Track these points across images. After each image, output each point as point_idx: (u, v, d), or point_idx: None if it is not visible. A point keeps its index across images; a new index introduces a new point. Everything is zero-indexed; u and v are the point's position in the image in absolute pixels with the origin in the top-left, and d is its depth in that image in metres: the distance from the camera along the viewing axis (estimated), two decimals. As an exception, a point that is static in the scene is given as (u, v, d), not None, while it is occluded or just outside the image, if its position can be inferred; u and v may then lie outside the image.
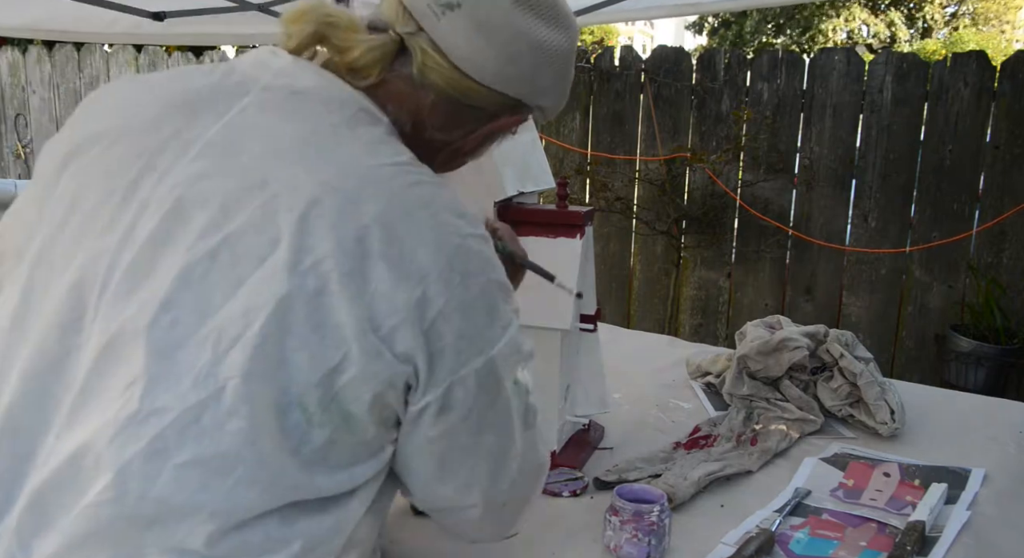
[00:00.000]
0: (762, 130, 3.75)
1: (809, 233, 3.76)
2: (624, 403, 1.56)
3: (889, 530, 1.10)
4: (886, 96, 3.57)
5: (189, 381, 0.66)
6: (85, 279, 0.71)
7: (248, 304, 0.65)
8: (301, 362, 0.66)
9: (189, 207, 0.69)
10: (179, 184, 0.71)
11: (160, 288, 0.67)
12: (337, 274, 0.66)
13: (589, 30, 13.06)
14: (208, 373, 0.65)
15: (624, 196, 4.02)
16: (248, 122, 0.73)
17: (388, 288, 0.66)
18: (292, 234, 0.66)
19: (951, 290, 3.57)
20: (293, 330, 0.65)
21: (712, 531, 1.10)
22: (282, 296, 0.65)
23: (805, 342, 1.51)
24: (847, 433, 1.43)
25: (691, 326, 4.13)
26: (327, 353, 0.66)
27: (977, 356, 3.29)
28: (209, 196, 0.69)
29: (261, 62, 0.78)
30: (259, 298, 0.65)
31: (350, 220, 0.67)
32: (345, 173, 0.69)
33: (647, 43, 23.69)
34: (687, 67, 3.94)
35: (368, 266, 0.66)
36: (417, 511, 1.11)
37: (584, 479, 1.21)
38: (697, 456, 1.31)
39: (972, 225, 3.50)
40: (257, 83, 0.76)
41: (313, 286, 0.65)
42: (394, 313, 0.67)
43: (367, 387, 0.67)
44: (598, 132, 4.19)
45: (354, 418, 0.68)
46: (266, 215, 0.67)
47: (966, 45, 13.60)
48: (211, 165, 0.71)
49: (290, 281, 0.65)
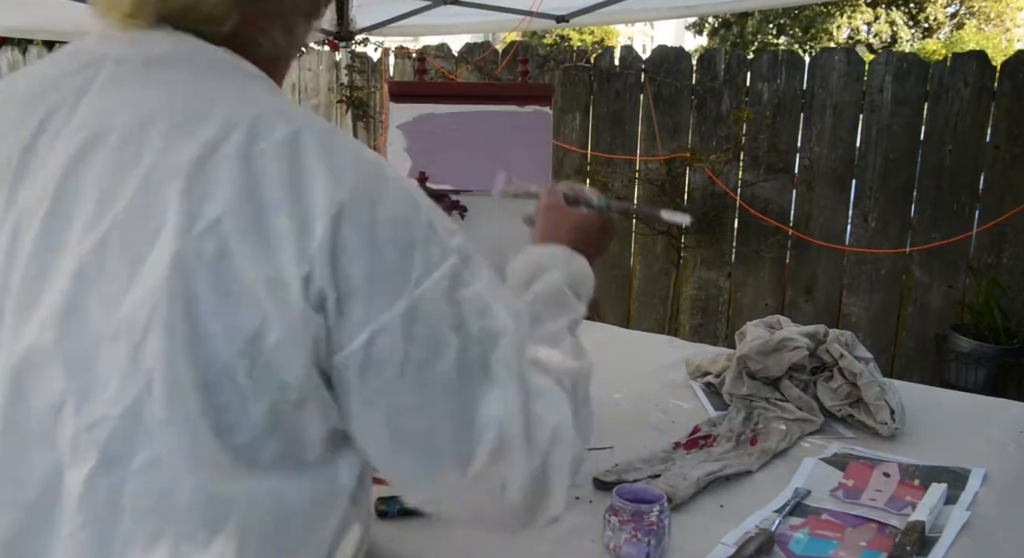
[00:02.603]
0: (762, 130, 3.75)
1: (809, 233, 3.76)
2: (624, 403, 1.56)
3: (889, 530, 1.10)
4: (886, 96, 3.57)
5: (115, 384, 0.61)
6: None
7: (149, 285, 0.60)
8: (218, 333, 0.60)
9: (67, 202, 0.64)
10: (52, 178, 0.65)
11: (59, 296, 0.62)
12: (235, 232, 0.60)
13: (589, 30, 13.06)
14: (131, 370, 0.61)
15: (624, 196, 4.02)
16: (109, 98, 0.68)
17: (291, 237, 0.60)
18: (179, 201, 0.61)
19: (951, 290, 3.57)
20: (202, 299, 0.60)
21: (712, 531, 1.10)
22: (182, 266, 0.60)
23: (805, 342, 1.51)
24: (847, 433, 1.43)
25: (691, 326, 4.13)
26: (243, 319, 0.60)
27: (977, 356, 3.29)
28: (86, 184, 0.64)
29: (108, 36, 0.72)
30: (157, 275, 0.60)
31: (239, 175, 0.61)
32: (226, 127, 0.63)
33: (647, 43, 23.69)
34: (687, 67, 3.95)
35: (266, 218, 0.61)
36: (381, 514, 1.11)
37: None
38: (697, 456, 1.31)
39: (972, 225, 3.50)
40: (108, 57, 0.70)
41: (212, 249, 0.60)
42: (303, 261, 0.60)
43: (298, 352, 0.62)
44: (598, 132, 4.19)
45: (291, 386, 0.63)
46: (149, 189, 0.62)
47: (966, 45, 13.60)
48: (80, 151, 0.66)
49: (186, 249, 0.60)
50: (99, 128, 0.66)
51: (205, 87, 0.68)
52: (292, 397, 0.63)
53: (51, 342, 0.62)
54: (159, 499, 0.62)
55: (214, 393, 0.61)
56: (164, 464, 0.62)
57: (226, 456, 0.63)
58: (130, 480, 0.62)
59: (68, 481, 0.63)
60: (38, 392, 0.63)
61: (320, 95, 5.33)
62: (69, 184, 0.65)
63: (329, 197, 0.62)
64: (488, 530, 0.85)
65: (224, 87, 0.69)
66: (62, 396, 0.63)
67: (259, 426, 0.63)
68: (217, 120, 0.64)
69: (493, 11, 3.64)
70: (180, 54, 0.70)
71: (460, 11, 3.68)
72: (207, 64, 0.70)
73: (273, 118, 0.65)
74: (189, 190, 0.61)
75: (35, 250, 0.64)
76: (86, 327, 0.62)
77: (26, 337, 0.64)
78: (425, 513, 1.11)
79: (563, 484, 0.73)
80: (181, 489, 0.62)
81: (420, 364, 0.64)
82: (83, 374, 0.62)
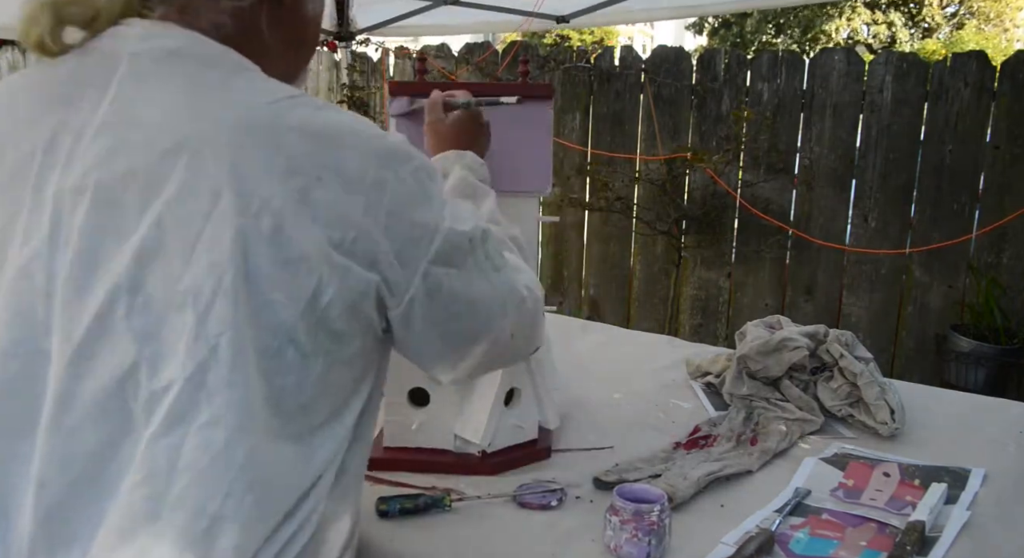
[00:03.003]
0: (762, 130, 3.75)
1: (809, 233, 3.76)
2: (624, 403, 1.56)
3: (889, 530, 1.10)
4: (886, 96, 3.57)
5: (183, 349, 0.66)
6: (21, 298, 0.70)
7: (211, 259, 0.66)
8: (281, 300, 0.68)
9: (112, 190, 0.69)
10: (91, 169, 0.70)
11: (119, 275, 0.67)
12: (287, 209, 0.68)
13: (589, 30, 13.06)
14: (197, 335, 0.66)
15: (624, 196, 4.02)
16: (133, 92, 0.72)
17: (334, 206, 0.70)
18: (229, 183, 0.67)
19: (951, 290, 3.57)
20: (263, 272, 0.67)
21: (712, 531, 1.10)
22: (243, 242, 0.66)
23: (805, 342, 1.51)
24: (847, 433, 1.43)
25: (691, 326, 4.13)
26: (302, 284, 0.68)
27: (977, 356, 3.29)
28: (128, 173, 0.69)
29: (115, 34, 0.76)
30: (220, 250, 0.66)
31: (275, 156, 0.69)
32: (253, 115, 0.70)
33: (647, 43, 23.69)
34: (687, 67, 3.95)
35: (309, 192, 0.69)
36: (382, 514, 1.11)
37: (559, 490, 1.18)
38: (697, 456, 1.31)
39: (972, 225, 3.50)
40: (123, 53, 0.74)
41: (268, 225, 0.67)
42: (349, 228, 0.70)
43: (343, 301, 0.71)
44: (598, 132, 4.19)
45: (340, 335, 0.72)
46: (195, 173, 0.68)
47: (966, 45, 13.60)
48: (117, 142, 0.70)
49: (245, 226, 0.66)
50: (130, 121, 0.71)
51: (217, 79, 0.73)
52: (343, 348, 0.73)
53: (120, 318, 0.67)
54: (214, 459, 0.66)
55: (276, 357, 0.68)
56: (222, 425, 0.66)
57: (277, 418, 0.69)
58: (189, 439, 0.66)
59: (129, 446, 0.67)
60: (104, 366, 0.68)
61: (320, 95, 5.33)
62: (110, 172, 0.69)
63: (359, 167, 0.72)
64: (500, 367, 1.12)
65: (234, 78, 0.74)
66: (133, 365, 0.67)
67: (315, 386, 0.71)
68: (239, 109, 0.71)
69: (493, 11, 3.64)
70: (192, 49, 0.75)
71: (460, 11, 3.68)
72: (213, 58, 0.75)
73: (286, 103, 0.72)
74: (234, 173, 0.67)
75: (84, 235, 0.69)
76: (150, 302, 0.67)
77: (87, 316, 0.68)
78: (425, 513, 1.12)
79: (542, 321, 0.96)
80: (236, 450, 0.67)
81: (458, 278, 0.79)
82: (152, 343, 0.67)
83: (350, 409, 0.78)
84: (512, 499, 1.17)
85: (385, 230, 0.72)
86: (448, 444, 1.27)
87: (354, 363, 0.77)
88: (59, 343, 0.69)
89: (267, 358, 0.68)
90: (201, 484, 0.66)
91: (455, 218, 0.79)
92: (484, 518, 1.13)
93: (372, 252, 0.72)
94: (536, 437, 1.33)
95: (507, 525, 1.11)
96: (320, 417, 0.74)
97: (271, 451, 0.69)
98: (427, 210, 0.76)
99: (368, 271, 0.72)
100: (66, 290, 0.69)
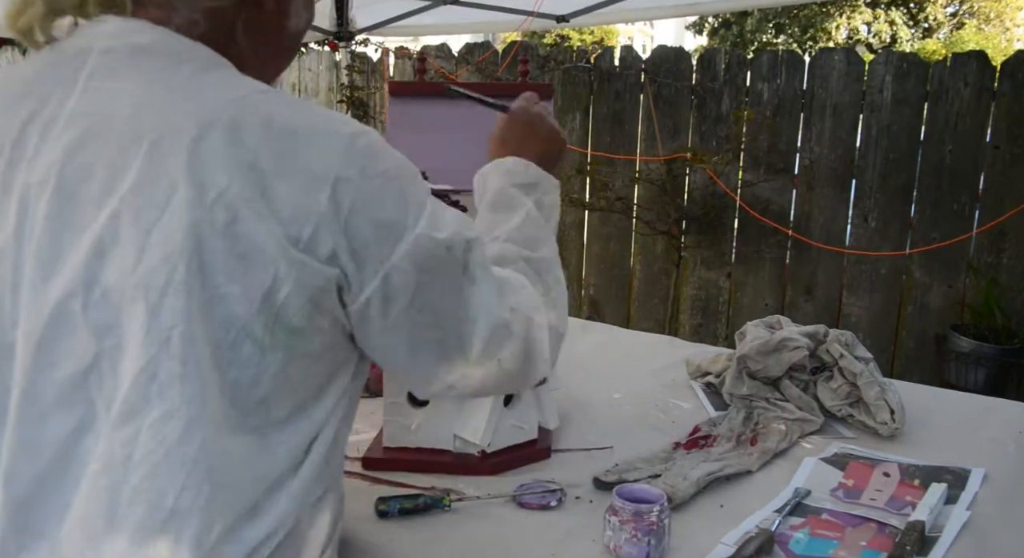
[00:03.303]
0: (762, 130, 3.75)
1: (809, 233, 3.76)
2: (624, 403, 1.56)
3: (889, 530, 1.10)
4: (886, 96, 3.57)
5: (136, 342, 0.66)
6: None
7: (165, 250, 0.66)
8: (236, 293, 0.67)
9: (73, 182, 0.69)
10: (55, 162, 0.70)
11: (77, 268, 0.68)
12: (243, 201, 0.67)
13: (589, 30, 13.06)
14: (149, 328, 0.66)
15: (624, 196, 4.02)
16: (102, 86, 0.73)
17: (293, 202, 0.68)
18: (186, 174, 0.67)
19: (951, 290, 3.57)
20: (218, 264, 0.67)
21: (712, 531, 1.10)
22: (196, 234, 0.66)
23: (805, 342, 1.51)
24: (847, 433, 1.43)
25: (691, 326, 4.13)
26: (258, 277, 0.68)
27: (977, 356, 3.29)
28: (91, 164, 0.69)
29: (87, 31, 0.77)
30: (174, 242, 0.66)
31: (237, 149, 0.68)
32: (217, 108, 0.70)
33: (647, 43, 23.70)
34: (687, 67, 3.95)
35: (268, 187, 0.68)
36: (382, 514, 1.11)
37: (559, 490, 1.18)
38: (697, 456, 1.31)
39: (972, 225, 3.50)
40: (92, 48, 0.74)
41: (223, 218, 0.66)
42: (307, 222, 0.69)
43: (302, 297, 0.70)
44: (598, 132, 4.19)
45: (299, 331, 0.71)
46: (154, 165, 0.67)
47: (966, 45, 13.60)
48: (82, 135, 0.70)
49: (199, 218, 0.66)
50: (97, 113, 0.71)
51: (188, 73, 0.73)
52: (303, 344, 0.72)
53: (78, 311, 0.68)
54: (168, 452, 0.67)
55: (231, 350, 0.68)
56: (176, 418, 0.67)
57: (234, 411, 0.69)
58: (144, 433, 0.67)
59: (90, 440, 0.68)
60: (68, 357, 0.68)
61: (320, 95, 5.33)
62: (72, 165, 0.69)
63: (323, 163, 0.70)
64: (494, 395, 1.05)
65: (205, 74, 0.74)
66: (96, 357, 0.68)
67: (273, 379, 0.71)
68: (207, 102, 0.70)
69: (493, 11, 3.64)
70: (163, 45, 0.75)
71: (460, 11, 3.68)
72: (186, 54, 0.75)
73: (256, 97, 0.72)
74: (192, 164, 0.67)
75: (46, 228, 0.69)
76: (107, 294, 0.67)
77: (47, 308, 0.68)
78: (425, 513, 1.12)
79: (545, 351, 0.90)
80: (190, 443, 0.67)
81: (425, 287, 0.76)
82: (112, 335, 0.67)
83: (321, 405, 0.77)
84: (512, 499, 1.17)
85: (345, 227, 0.70)
86: (448, 444, 1.27)
87: (323, 358, 0.76)
88: (23, 335, 0.69)
89: (221, 351, 0.68)
90: (157, 477, 0.67)
91: (433, 224, 0.76)
92: (484, 518, 1.13)
93: (330, 247, 0.70)
94: (536, 437, 1.33)
95: (507, 525, 1.11)
96: (282, 411, 0.73)
97: (229, 444, 0.69)
98: (396, 212, 0.74)
99: (327, 266, 0.70)
100: (30, 282, 0.69)
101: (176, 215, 0.66)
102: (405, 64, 4.81)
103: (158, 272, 0.66)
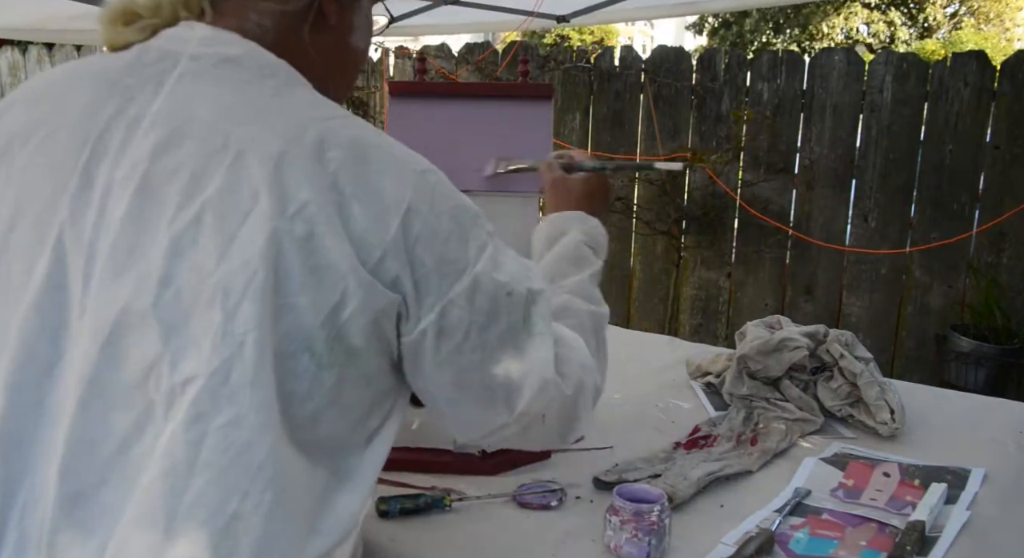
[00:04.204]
0: (762, 130, 3.75)
1: (809, 233, 3.76)
2: (624, 403, 1.56)
3: (889, 530, 1.10)
4: (886, 96, 3.57)
5: (208, 345, 0.67)
6: (60, 273, 0.71)
7: (244, 257, 0.67)
8: (304, 305, 0.69)
9: (157, 183, 0.70)
10: (141, 160, 0.71)
11: (153, 265, 0.68)
12: (321, 218, 0.69)
13: (589, 30, 13.06)
14: (224, 332, 0.67)
15: (624, 196, 4.03)
16: (189, 90, 0.74)
17: (366, 225, 0.71)
18: (269, 186, 0.68)
19: (951, 290, 3.57)
20: (292, 275, 0.68)
21: (712, 531, 1.10)
22: (276, 242, 0.68)
23: (805, 342, 1.51)
24: (847, 433, 1.43)
25: (691, 326, 4.13)
26: (327, 293, 0.69)
27: (977, 356, 3.29)
28: (175, 168, 0.70)
29: (176, 36, 0.79)
30: (253, 249, 0.67)
31: (319, 168, 0.70)
32: (301, 126, 0.72)
33: (647, 43, 23.68)
34: (687, 67, 3.95)
35: (345, 208, 0.70)
36: (382, 514, 1.11)
37: (559, 490, 1.18)
38: (697, 456, 1.31)
39: (972, 225, 3.50)
40: (182, 54, 0.77)
41: (302, 231, 0.68)
42: (377, 247, 0.71)
43: (364, 317, 0.71)
44: (598, 132, 4.19)
45: (357, 352, 0.72)
46: (238, 174, 0.69)
47: (966, 45, 13.59)
48: (168, 137, 0.72)
49: (279, 228, 0.68)
50: (184, 117, 0.73)
51: (272, 89, 0.76)
52: (358, 365, 0.73)
53: (148, 307, 0.68)
54: (235, 457, 0.66)
55: (291, 360, 0.69)
56: (244, 424, 0.67)
57: (285, 424, 0.69)
58: (210, 436, 0.66)
59: (149, 437, 0.67)
60: (133, 354, 0.68)
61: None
62: (157, 166, 0.71)
63: (397, 193, 0.73)
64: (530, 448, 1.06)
65: (290, 91, 0.77)
66: (158, 357, 0.68)
67: (325, 397, 0.71)
68: (293, 119, 0.73)
69: (493, 11, 3.64)
70: (251, 59, 0.77)
71: (460, 11, 3.67)
72: (269, 69, 0.78)
73: (341, 120, 0.75)
74: (276, 177, 0.69)
75: (125, 224, 0.70)
76: (180, 295, 0.68)
77: (118, 303, 0.68)
78: (425, 513, 1.12)
79: (588, 410, 0.90)
80: (256, 448, 0.67)
81: (481, 328, 0.77)
82: (178, 337, 0.68)
83: (364, 429, 0.77)
84: (512, 499, 1.17)
85: (410, 257, 0.72)
86: (448, 444, 1.27)
87: (371, 383, 0.76)
88: (89, 328, 0.69)
89: (281, 361, 0.68)
90: (220, 482, 0.66)
91: (496, 266, 0.78)
92: (484, 518, 1.13)
93: (394, 274, 0.72)
94: None
95: (507, 525, 1.11)
96: (327, 430, 0.73)
97: (288, 454, 0.70)
98: (460, 249, 0.76)
99: (391, 291, 0.72)
100: (101, 274, 0.70)
101: (258, 223, 0.68)
102: (405, 64, 4.81)
103: (238, 276, 0.67)
